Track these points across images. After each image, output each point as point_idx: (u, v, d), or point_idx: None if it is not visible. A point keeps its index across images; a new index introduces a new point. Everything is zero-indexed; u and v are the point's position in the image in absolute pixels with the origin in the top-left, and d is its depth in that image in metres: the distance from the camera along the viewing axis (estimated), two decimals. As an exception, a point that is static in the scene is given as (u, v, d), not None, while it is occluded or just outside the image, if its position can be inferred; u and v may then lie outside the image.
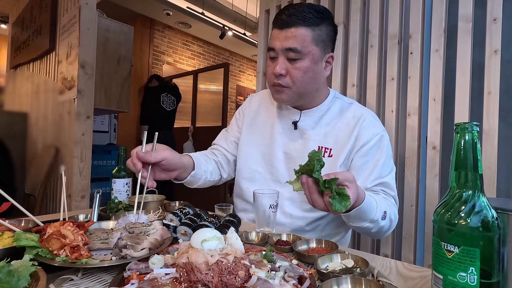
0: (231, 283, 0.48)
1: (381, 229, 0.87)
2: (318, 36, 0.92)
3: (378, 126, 1.00)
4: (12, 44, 3.34)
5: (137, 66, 5.15)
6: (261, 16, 2.01)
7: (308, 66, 0.92)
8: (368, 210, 0.79)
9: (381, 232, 0.90)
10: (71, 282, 0.55)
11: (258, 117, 1.14)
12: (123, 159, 1.14)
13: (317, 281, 0.57)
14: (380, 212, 0.83)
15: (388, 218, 0.87)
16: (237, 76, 7.06)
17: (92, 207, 0.89)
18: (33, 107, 2.70)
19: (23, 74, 3.00)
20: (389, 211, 0.87)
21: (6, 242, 0.63)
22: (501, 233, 0.43)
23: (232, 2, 5.28)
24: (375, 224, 0.83)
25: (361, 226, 0.83)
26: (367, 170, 0.95)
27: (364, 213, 0.79)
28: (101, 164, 3.27)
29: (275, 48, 0.92)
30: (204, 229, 0.60)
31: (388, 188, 0.95)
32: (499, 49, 1.18)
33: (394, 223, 0.92)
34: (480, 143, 0.45)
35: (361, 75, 1.57)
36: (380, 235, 0.92)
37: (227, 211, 1.00)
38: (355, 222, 0.83)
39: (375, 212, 0.81)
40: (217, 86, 4.49)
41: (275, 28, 0.94)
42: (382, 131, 0.99)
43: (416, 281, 0.60)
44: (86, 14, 1.99)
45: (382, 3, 1.49)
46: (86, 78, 2.00)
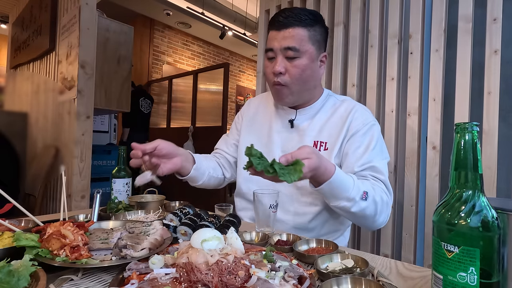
0: (231, 283, 0.48)
1: (364, 211, 0.86)
2: (314, 36, 0.97)
3: (369, 117, 1.03)
4: (12, 44, 3.34)
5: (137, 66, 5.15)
6: (261, 16, 2.01)
7: (306, 64, 0.97)
8: (341, 186, 0.82)
9: (368, 217, 0.88)
10: (71, 282, 0.55)
11: (256, 118, 1.17)
12: (123, 159, 1.14)
13: (317, 281, 0.57)
14: (357, 191, 0.84)
15: (372, 200, 0.86)
16: (237, 76, 7.06)
17: (92, 207, 0.89)
18: (33, 107, 2.70)
19: (23, 74, 3.01)
20: (372, 193, 0.87)
21: (6, 242, 0.63)
22: (501, 233, 0.43)
23: (232, 2, 5.28)
24: (354, 203, 0.83)
25: (339, 205, 0.85)
26: (356, 155, 0.96)
27: (338, 189, 0.82)
28: (101, 164, 3.27)
29: (274, 48, 0.97)
30: (204, 229, 0.60)
31: (377, 173, 0.94)
32: (499, 49, 1.18)
33: (383, 208, 0.90)
34: (480, 143, 0.45)
35: (361, 75, 1.57)
36: (369, 220, 0.89)
37: (227, 211, 1.00)
38: (332, 200, 0.85)
39: (351, 190, 0.83)
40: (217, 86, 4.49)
41: (272, 30, 0.98)
42: (373, 121, 1.03)
43: (416, 281, 0.60)
44: (86, 14, 2.00)
45: (382, 3, 1.49)
46: (86, 78, 2.00)
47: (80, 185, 1.98)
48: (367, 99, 1.51)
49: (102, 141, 3.67)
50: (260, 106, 1.19)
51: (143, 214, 0.99)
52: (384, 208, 0.90)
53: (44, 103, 2.48)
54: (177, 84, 5.02)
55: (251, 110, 1.21)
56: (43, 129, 2.47)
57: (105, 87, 2.51)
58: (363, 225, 0.96)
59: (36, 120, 2.62)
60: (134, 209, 1.03)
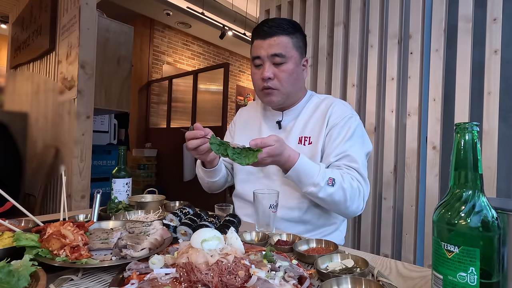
0: (231, 283, 0.48)
1: (332, 196, 0.91)
2: (296, 42, 1.06)
3: (346, 110, 1.08)
4: (12, 44, 3.34)
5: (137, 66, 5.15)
6: (261, 16, 2.01)
7: (292, 68, 1.05)
8: (306, 172, 0.90)
9: (338, 203, 0.93)
10: (71, 282, 0.55)
11: (248, 123, 1.25)
12: (123, 159, 1.14)
13: (317, 281, 0.57)
14: (323, 177, 0.90)
15: (339, 186, 0.91)
16: (237, 76, 7.06)
17: (92, 207, 0.89)
18: (33, 107, 2.70)
19: (23, 74, 3.01)
20: (339, 179, 0.92)
21: (6, 242, 0.63)
22: (501, 233, 0.43)
23: (232, 2, 5.28)
24: (320, 189, 0.90)
25: (307, 191, 0.92)
26: (332, 146, 1.02)
27: (303, 175, 0.90)
28: (101, 164, 3.27)
29: (261, 55, 1.04)
30: (204, 229, 0.60)
31: (351, 161, 0.99)
32: (499, 49, 1.18)
33: (355, 195, 0.94)
34: (480, 143, 0.45)
35: (361, 75, 1.57)
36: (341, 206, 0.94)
37: (227, 211, 1.00)
38: (301, 186, 0.93)
39: (316, 176, 0.90)
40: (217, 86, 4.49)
41: (257, 39, 1.06)
42: (351, 113, 1.08)
43: (416, 281, 0.60)
44: (86, 14, 2.00)
45: (382, 3, 1.49)
46: (86, 78, 2.00)
47: (80, 185, 1.98)
48: (367, 99, 1.51)
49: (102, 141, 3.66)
50: (250, 112, 1.28)
51: (143, 214, 0.99)
52: (355, 194, 0.95)
53: (44, 103, 2.48)
54: (177, 84, 5.02)
55: (242, 117, 1.29)
56: (43, 129, 2.47)
57: (105, 87, 2.51)
58: (338, 212, 1.01)
59: (36, 120, 2.62)
60: (134, 209, 1.03)
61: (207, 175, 1.14)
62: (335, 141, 1.03)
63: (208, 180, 1.16)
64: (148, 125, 5.18)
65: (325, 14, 1.67)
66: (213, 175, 1.14)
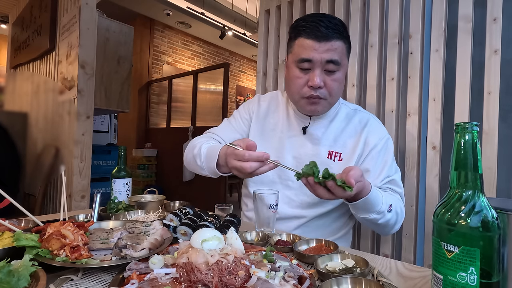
0: (231, 283, 0.48)
1: (388, 222, 0.92)
2: (347, 48, 0.98)
3: (383, 131, 1.06)
4: (12, 44, 3.34)
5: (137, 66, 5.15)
6: (261, 16, 2.01)
7: (342, 78, 0.97)
8: (374, 201, 0.86)
9: (389, 226, 0.94)
10: (71, 282, 0.55)
11: (267, 121, 1.14)
12: (123, 159, 1.14)
13: (317, 281, 0.57)
14: (386, 204, 0.89)
15: (394, 211, 0.92)
16: (237, 76, 7.06)
17: (92, 207, 0.89)
18: (33, 107, 2.70)
19: (23, 74, 3.01)
20: (394, 204, 0.93)
21: (6, 242, 0.63)
22: (501, 233, 0.43)
23: (232, 2, 5.28)
24: (382, 215, 0.89)
25: (369, 218, 0.89)
26: (376, 171, 1.00)
27: (370, 204, 0.86)
28: (101, 164, 3.27)
29: (313, 59, 0.92)
30: (204, 229, 0.60)
31: (395, 186, 1.01)
32: (499, 49, 1.18)
33: (400, 217, 0.97)
34: (480, 143, 0.45)
35: (361, 75, 1.57)
36: (388, 229, 0.96)
37: (227, 211, 1.00)
38: (363, 213, 0.89)
39: (381, 204, 0.87)
40: (217, 86, 4.49)
41: (309, 39, 0.92)
42: (387, 134, 1.06)
43: (416, 281, 0.60)
44: (86, 14, 2.00)
45: (382, 3, 1.49)
46: (86, 78, 2.00)
47: (80, 185, 1.98)
48: (367, 99, 1.51)
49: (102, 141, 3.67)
50: (270, 107, 1.15)
51: (143, 214, 0.99)
52: (401, 217, 0.97)
53: (44, 103, 2.48)
54: (177, 84, 5.02)
55: (262, 109, 1.15)
56: (43, 129, 2.47)
57: (105, 87, 2.51)
58: (380, 232, 1.03)
59: (36, 120, 2.62)
60: (134, 209, 1.03)
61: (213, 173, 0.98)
62: (377, 164, 1.00)
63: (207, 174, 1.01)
64: (148, 125, 5.18)
65: (325, 14, 1.67)
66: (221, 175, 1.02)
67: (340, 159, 1.02)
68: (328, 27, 0.91)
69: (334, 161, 1.02)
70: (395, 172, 1.02)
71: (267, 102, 1.17)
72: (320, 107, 0.99)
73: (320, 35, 0.91)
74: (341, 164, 1.01)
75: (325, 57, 0.91)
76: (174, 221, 0.79)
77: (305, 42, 0.93)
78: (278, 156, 1.07)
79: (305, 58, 0.93)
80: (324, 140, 1.04)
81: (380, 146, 1.01)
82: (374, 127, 1.04)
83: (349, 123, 1.06)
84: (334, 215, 1.06)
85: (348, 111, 1.09)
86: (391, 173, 1.00)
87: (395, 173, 1.02)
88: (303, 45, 0.93)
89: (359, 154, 1.02)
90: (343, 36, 0.93)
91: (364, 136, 1.02)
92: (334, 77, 0.94)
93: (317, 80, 0.92)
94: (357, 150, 1.01)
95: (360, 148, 1.01)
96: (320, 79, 0.93)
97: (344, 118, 1.07)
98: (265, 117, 1.14)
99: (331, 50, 0.91)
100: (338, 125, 1.06)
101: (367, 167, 1.01)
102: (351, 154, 1.02)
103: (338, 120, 1.06)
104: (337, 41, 0.92)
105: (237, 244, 0.59)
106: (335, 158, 1.02)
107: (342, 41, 0.93)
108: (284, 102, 1.14)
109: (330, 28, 0.91)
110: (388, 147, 1.03)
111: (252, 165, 0.77)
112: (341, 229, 1.10)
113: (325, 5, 1.67)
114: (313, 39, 0.91)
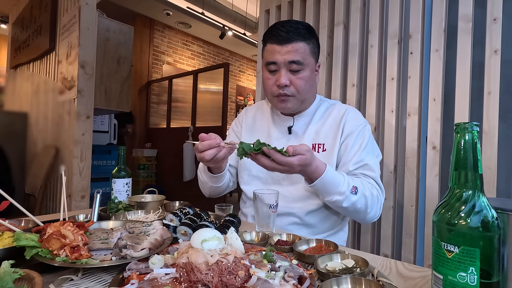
0: (231, 283, 0.48)
1: (355, 204, 0.92)
2: (312, 48, 1.03)
3: (360, 118, 1.10)
4: (12, 44, 3.34)
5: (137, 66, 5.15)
6: (261, 16, 2.01)
7: (308, 76, 1.03)
8: (332, 182, 0.89)
9: (359, 210, 0.94)
10: (71, 282, 0.55)
11: (255, 127, 1.22)
12: (123, 159, 1.14)
13: (317, 281, 0.57)
14: (347, 185, 0.91)
15: (361, 194, 0.93)
16: (237, 76, 7.06)
17: (92, 207, 0.89)
18: (33, 107, 2.70)
19: (23, 74, 3.01)
20: (361, 187, 0.94)
21: (6, 242, 0.63)
22: (501, 233, 0.43)
23: (232, 2, 5.28)
24: (345, 197, 0.90)
25: (332, 200, 0.91)
26: (350, 155, 1.03)
27: (329, 184, 0.89)
28: (101, 164, 3.26)
29: (277, 61, 1.00)
30: (204, 229, 0.60)
31: (368, 170, 1.01)
32: (499, 49, 1.18)
33: (372, 202, 0.96)
34: (480, 143, 0.45)
35: (361, 75, 1.57)
36: (361, 214, 0.96)
37: (227, 211, 1.00)
38: (326, 195, 0.92)
39: (342, 185, 0.90)
40: (217, 86, 4.49)
41: (273, 44, 1.01)
42: (365, 122, 1.09)
43: (416, 281, 0.60)
44: (86, 14, 2.00)
45: (382, 3, 1.49)
46: (86, 78, 2.00)
47: (80, 185, 1.98)
48: (367, 99, 1.51)
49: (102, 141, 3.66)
50: (257, 115, 1.24)
51: (143, 214, 0.99)
52: (374, 202, 0.97)
53: (44, 103, 2.48)
54: (177, 84, 5.02)
55: (249, 119, 1.24)
56: (43, 129, 2.47)
57: (105, 87, 2.51)
58: (356, 219, 1.03)
59: (36, 120, 2.62)
60: (134, 209, 1.03)
61: (212, 181, 1.09)
62: (351, 149, 1.03)
63: (212, 185, 1.11)
64: (148, 125, 5.18)
65: (325, 14, 1.67)
66: (219, 180, 1.10)
67: (324, 150, 1.07)
68: (289, 31, 0.99)
69: (318, 153, 1.06)
70: (372, 157, 1.03)
71: (253, 111, 1.26)
72: (290, 104, 1.05)
73: (281, 39, 0.99)
74: (326, 154, 1.06)
75: (287, 58, 0.99)
76: (174, 221, 0.79)
77: (270, 46, 1.02)
78: None
79: (270, 61, 1.02)
80: (307, 135, 1.09)
81: (356, 132, 1.05)
82: (352, 115, 1.09)
83: (329, 116, 1.11)
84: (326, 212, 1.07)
85: (328, 106, 1.15)
86: (364, 157, 1.01)
87: (372, 158, 1.03)
88: (269, 50, 1.03)
89: (339, 142, 1.06)
90: (305, 38, 1.00)
91: (342, 124, 1.06)
92: (299, 76, 1.01)
93: (282, 80, 1.00)
94: (337, 139, 1.05)
95: (340, 136, 1.06)
96: (286, 79, 1.00)
97: (324, 112, 1.13)
98: (253, 124, 1.23)
99: (292, 51, 0.99)
100: (319, 119, 1.11)
101: (342, 152, 1.05)
102: (333, 143, 1.05)
103: (318, 115, 1.12)
104: (298, 42, 0.99)
105: (237, 244, 0.59)
106: (319, 149, 1.07)
107: (305, 42, 1.00)
108: (269, 108, 1.21)
109: (290, 31, 0.99)
110: (364, 133, 1.05)
111: (209, 152, 0.85)
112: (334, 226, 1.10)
113: (325, 5, 1.67)
114: (276, 43, 1.00)
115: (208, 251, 0.54)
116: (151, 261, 0.56)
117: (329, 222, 1.08)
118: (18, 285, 0.49)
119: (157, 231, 0.71)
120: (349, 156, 1.02)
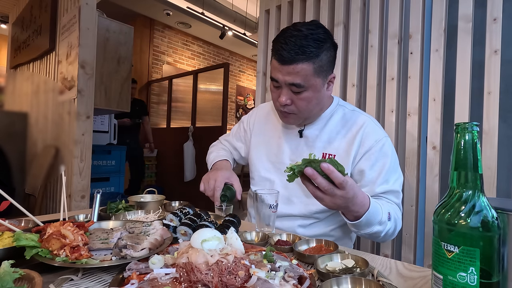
0: (231, 283, 0.48)
1: (388, 231, 0.90)
2: (319, 67, 0.92)
3: (380, 132, 1.02)
4: (12, 44, 3.34)
5: (137, 66, 5.15)
6: (261, 16, 2.01)
7: (311, 96, 0.95)
8: (375, 213, 0.83)
9: (387, 235, 0.92)
10: (71, 282, 0.55)
11: (266, 126, 1.19)
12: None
13: (317, 281, 0.57)
14: (385, 213, 0.87)
15: (393, 219, 0.91)
16: (237, 76, 7.06)
17: (92, 207, 0.89)
18: (33, 107, 2.70)
19: (23, 74, 3.01)
20: (392, 212, 0.91)
21: (6, 242, 0.63)
22: (501, 233, 0.43)
23: (232, 2, 5.28)
24: (384, 226, 0.87)
25: (371, 231, 0.86)
26: (373, 175, 0.97)
27: (373, 216, 0.83)
28: (101, 164, 3.26)
29: (278, 80, 0.94)
30: (204, 229, 0.60)
31: (394, 197, 0.98)
32: (499, 49, 1.18)
33: (398, 226, 0.95)
34: (480, 143, 0.45)
35: (361, 75, 1.57)
36: (386, 238, 0.93)
37: (227, 211, 1.00)
38: (366, 228, 0.85)
39: (381, 214, 0.85)
40: (217, 86, 4.49)
41: (276, 60, 0.93)
42: (385, 137, 1.02)
43: (416, 281, 0.60)
44: (86, 14, 1.99)
45: (382, 3, 1.49)
46: (86, 78, 2.00)
47: (80, 185, 1.98)
48: (367, 99, 1.51)
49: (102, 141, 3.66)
50: (270, 114, 1.21)
51: (143, 214, 0.99)
52: (399, 225, 0.96)
53: (44, 103, 2.48)
54: (177, 84, 5.02)
55: (262, 117, 1.22)
56: (43, 129, 2.47)
57: (105, 87, 2.50)
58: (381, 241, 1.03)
59: (36, 120, 2.62)
60: (134, 209, 1.03)
61: None
62: (373, 167, 0.97)
63: None
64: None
65: (325, 14, 1.67)
66: None
67: None
68: (290, 50, 0.89)
69: None
70: (396, 179, 0.98)
71: (267, 110, 1.23)
72: (292, 120, 1.02)
73: (282, 58, 0.91)
74: None
75: (288, 80, 0.92)
76: (174, 221, 0.79)
77: (274, 62, 0.95)
78: (278, 160, 1.11)
79: (273, 78, 0.96)
80: (318, 142, 1.05)
81: (375, 149, 0.98)
82: (370, 128, 1.01)
83: (345, 124, 1.05)
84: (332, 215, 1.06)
85: (346, 112, 1.08)
86: (390, 179, 0.97)
87: (396, 181, 0.98)
88: (273, 65, 0.96)
89: (353, 156, 1.00)
90: (310, 57, 0.89)
91: (359, 138, 1.00)
92: (301, 97, 0.94)
93: (282, 99, 0.95)
94: (351, 152, 1.00)
95: (355, 150, 0.99)
96: (286, 98, 0.95)
97: (340, 119, 1.06)
98: (265, 123, 1.20)
99: (292, 73, 0.90)
100: (333, 127, 1.05)
101: (362, 168, 0.99)
102: (345, 156, 1.00)
103: (333, 122, 1.06)
104: (300, 63, 0.89)
105: (237, 244, 0.59)
106: None
107: (309, 62, 0.89)
108: None
109: (292, 50, 0.89)
110: (386, 150, 0.99)
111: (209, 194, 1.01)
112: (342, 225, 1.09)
113: (325, 5, 1.67)
114: (278, 60, 0.92)
115: (208, 251, 0.54)
116: (151, 261, 0.56)
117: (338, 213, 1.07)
118: (18, 285, 0.49)
119: (157, 231, 0.71)
120: (373, 176, 0.97)
